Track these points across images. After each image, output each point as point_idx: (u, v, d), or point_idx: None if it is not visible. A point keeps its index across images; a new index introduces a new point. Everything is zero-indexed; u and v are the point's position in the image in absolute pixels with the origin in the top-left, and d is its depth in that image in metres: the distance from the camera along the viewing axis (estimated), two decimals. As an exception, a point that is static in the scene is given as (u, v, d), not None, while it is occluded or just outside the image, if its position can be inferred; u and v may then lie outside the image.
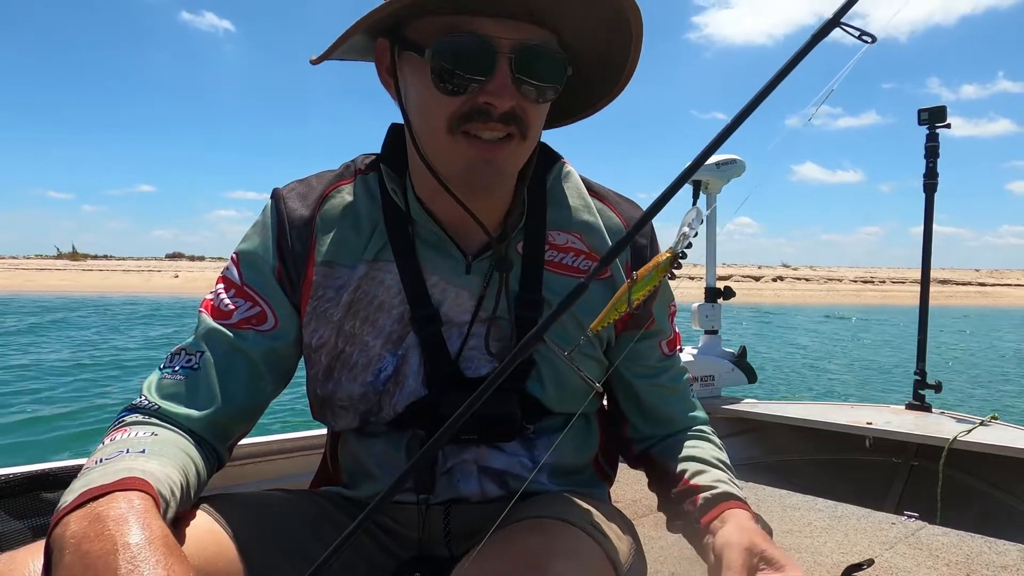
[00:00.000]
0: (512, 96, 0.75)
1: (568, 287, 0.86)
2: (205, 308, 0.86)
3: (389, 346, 0.85)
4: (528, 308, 0.86)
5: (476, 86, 0.75)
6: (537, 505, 0.83)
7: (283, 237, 0.87)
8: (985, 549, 1.54)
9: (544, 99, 0.79)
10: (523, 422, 0.87)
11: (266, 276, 0.86)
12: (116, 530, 0.56)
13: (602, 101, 0.90)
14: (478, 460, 0.87)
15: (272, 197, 0.90)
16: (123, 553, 0.55)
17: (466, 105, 0.76)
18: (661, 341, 0.96)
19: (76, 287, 32.76)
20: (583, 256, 0.89)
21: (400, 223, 0.86)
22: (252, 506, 0.83)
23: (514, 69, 0.75)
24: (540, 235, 0.88)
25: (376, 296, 0.85)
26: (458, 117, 0.76)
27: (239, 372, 0.83)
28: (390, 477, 0.88)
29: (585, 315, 0.86)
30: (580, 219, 0.91)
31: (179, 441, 0.77)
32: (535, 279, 0.86)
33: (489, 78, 0.75)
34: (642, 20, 0.79)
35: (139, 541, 0.56)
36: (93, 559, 0.55)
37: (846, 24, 0.53)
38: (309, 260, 0.86)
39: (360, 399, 0.86)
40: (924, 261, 2.86)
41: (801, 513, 1.81)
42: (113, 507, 0.59)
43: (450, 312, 0.85)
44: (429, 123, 0.79)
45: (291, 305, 0.87)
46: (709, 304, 2.94)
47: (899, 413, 2.67)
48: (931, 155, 2.81)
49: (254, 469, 1.42)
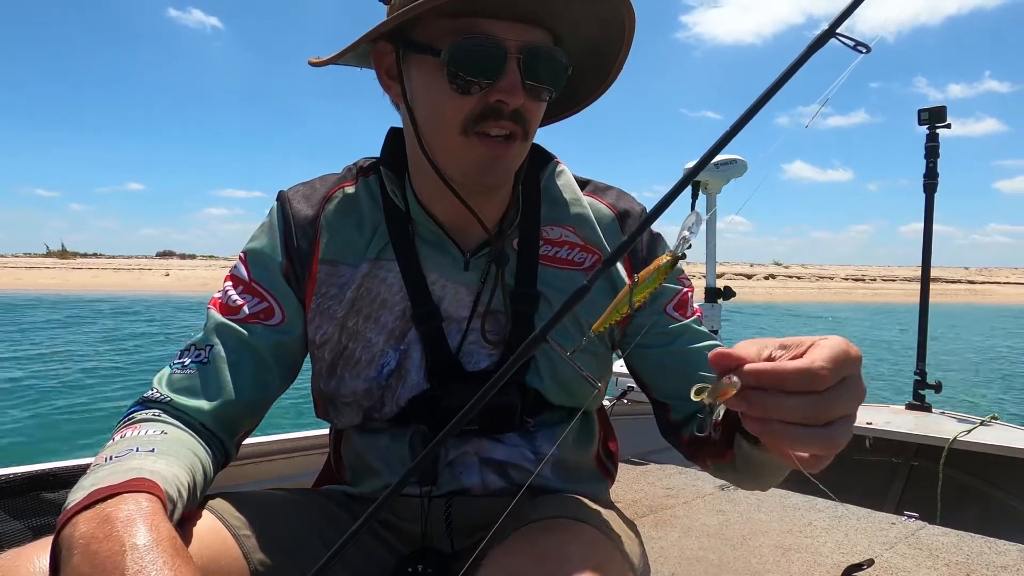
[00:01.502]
0: (521, 94, 0.78)
1: (563, 279, 0.90)
2: (214, 305, 0.89)
3: (392, 342, 0.88)
4: (524, 302, 0.88)
5: (488, 86, 0.78)
6: (548, 505, 0.83)
7: (289, 236, 0.89)
8: (985, 549, 1.54)
9: (544, 97, 0.82)
10: (523, 415, 0.88)
11: (274, 273, 0.89)
12: (124, 532, 0.57)
13: (588, 99, 0.94)
14: (479, 452, 0.89)
15: (278, 199, 0.93)
16: (131, 554, 0.56)
17: (479, 105, 0.79)
18: (666, 305, 0.92)
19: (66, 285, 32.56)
20: (578, 248, 0.91)
21: (400, 223, 0.89)
22: (255, 505, 0.83)
23: (522, 69, 0.78)
24: (535, 231, 0.90)
25: (379, 293, 0.88)
26: (472, 117, 0.79)
27: (247, 365, 0.85)
28: (394, 472, 0.90)
29: (582, 311, 0.88)
30: (573, 213, 0.93)
31: (188, 440, 0.78)
32: (531, 273, 0.89)
33: (500, 78, 0.77)
34: (635, 22, 0.82)
35: (147, 543, 0.57)
36: (102, 559, 0.56)
37: (842, 35, 0.54)
38: (314, 258, 0.89)
39: (364, 395, 0.88)
40: (924, 260, 2.87)
41: (802, 513, 1.81)
42: (122, 508, 0.59)
43: (450, 308, 0.88)
44: (442, 123, 0.81)
45: (298, 301, 0.89)
46: (708, 304, 2.94)
47: (899, 413, 2.67)
48: (931, 155, 2.81)
49: (257, 469, 1.43)
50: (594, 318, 0.86)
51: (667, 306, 0.92)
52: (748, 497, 1.93)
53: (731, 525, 1.72)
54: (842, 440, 0.55)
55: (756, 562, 1.50)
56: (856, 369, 0.55)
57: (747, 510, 1.83)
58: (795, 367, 0.52)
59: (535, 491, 0.91)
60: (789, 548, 1.58)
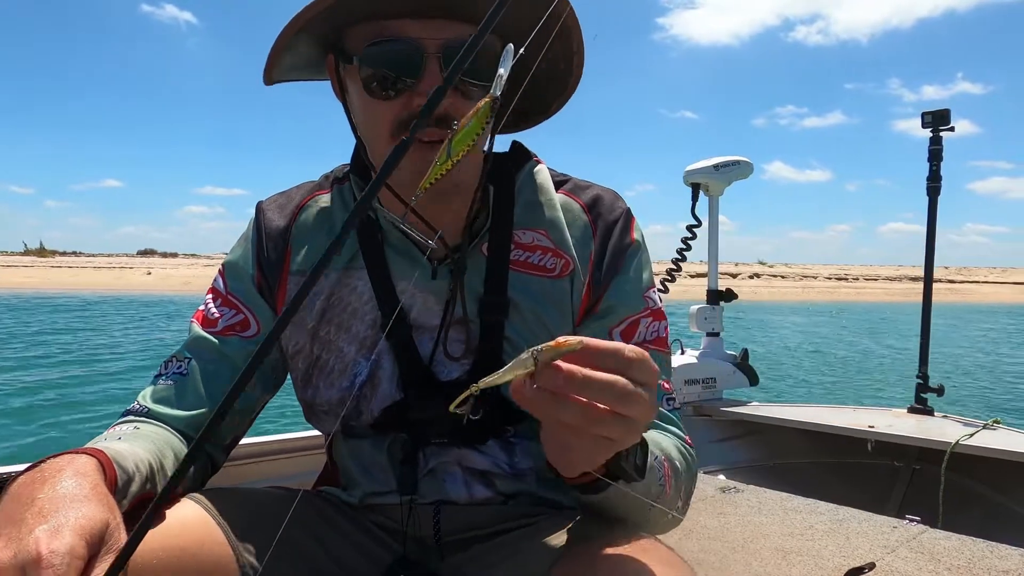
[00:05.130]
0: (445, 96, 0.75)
1: (535, 286, 0.87)
2: (196, 318, 0.91)
3: (363, 351, 0.87)
4: (493, 311, 0.85)
5: (408, 89, 0.76)
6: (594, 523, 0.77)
7: (261, 248, 0.91)
8: (987, 553, 1.54)
9: (479, 96, 0.78)
10: (502, 424, 0.87)
11: (247, 285, 0.91)
12: (50, 477, 0.59)
13: (556, 103, 0.92)
14: (460, 460, 0.88)
15: (256, 210, 0.95)
16: (48, 491, 0.57)
17: (404, 111, 0.77)
18: (612, 327, 0.87)
19: (45, 284, 32.34)
20: (550, 254, 0.88)
21: (369, 231, 0.88)
22: (246, 501, 0.84)
23: (443, 69, 0.75)
24: (506, 236, 0.88)
25: (349, 303, 0.88)
26: (398, 124, 0.77)
27: (225, 376, 0.86)
28: (374, 479, 0.90)
29: (548, 314, 0.86)
30: (546, 216, 0.90)
31: (160, 432, 0.80)
32: (500, 281, 0.86)
33: (418, 79, 0.76)
34: (575, 13, 0.78)
35: (68, 485, 0.58)
36: (22, 498, 0.57)
37: None
38: (284, 269, 0.90)
39: (338, 404, 0.88)
40: (927, 263, 2.86)
41: (803, 516, 1.81)
42: (55, 461, 0.62)
43: (420, 317, 0.86)
44: (372, 131, 0.81)
45: (271, 312, 0.90)
46: (709, 306, 2.93)
47: (901, 416, 2.66)
48: (934, 158, 2.80)
49: (255, 468, 1.43)
50: (561, 324, 0.86)
51: (613, 328, 0.87)
52: (749, 500, 1.92)
53: (731, 528, 1.72)
54: (614, 430, 0.55)
55: (757, 565, 1.50)
56: (653, 381, 0.57)
57: (747, 513, 1.82)
58: (606, 344, 0.55)
59: (520, 500, 0.89)
60: (790, 551, 1.57)
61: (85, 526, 0.54)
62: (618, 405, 0.54)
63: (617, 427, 0.55)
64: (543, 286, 0.87)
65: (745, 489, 1.98)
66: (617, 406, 0.54)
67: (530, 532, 0.84)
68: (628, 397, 0.54)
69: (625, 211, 0.92)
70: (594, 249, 0.89)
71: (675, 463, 0.80)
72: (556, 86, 0.90)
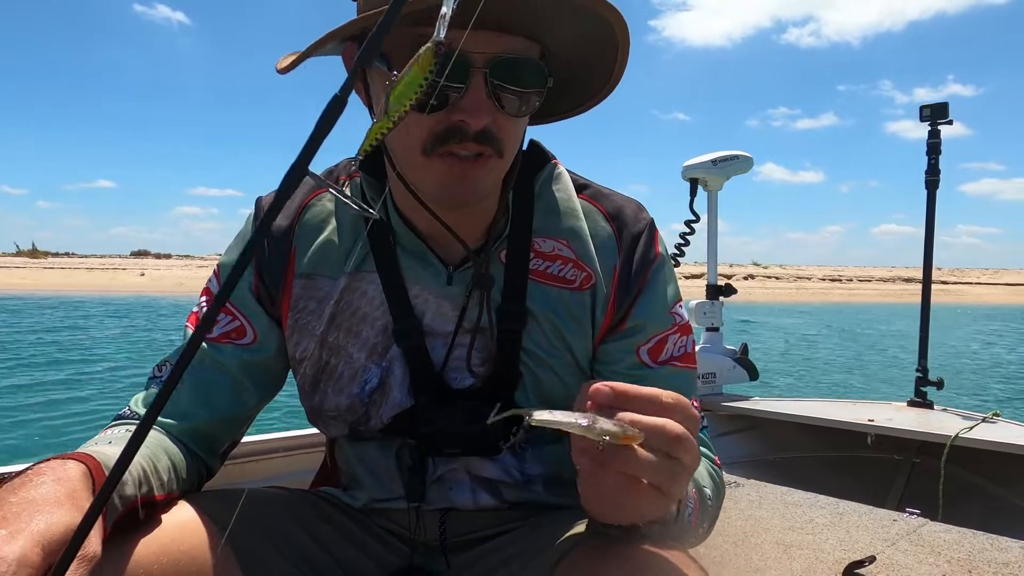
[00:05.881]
0: (488, 112, 0.71)
1: (553, 298, 0.83)
2: (190, 322, 0.87)
3: (374, 357, 0.84)
4: (511, 320, 0.82)
5: (450, 102, 0.70)
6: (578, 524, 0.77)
7: (261, 249, 0.85)
8: (987, 546, 1.54)
9: (522, 112, 0.74)
10: (513, 434, 0.83)
11: (243, 290, 0.86)
12: (28, 481, 0.58)
13: (588, 103, 0.86)
14: (469, 468, 0.86)
15: (255, 207, 0.90)
16: (21, 496, 0.56)
17: (441, 124, 0.71)
18: (639, 346, 0.85)
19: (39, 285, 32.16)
20: (571, 264, 0.85)
21: (381, 233, 0.84)
22: (244, 501, 0.82)
23: (489, 83, 0.70)
24: (525, 243, 0.84)
25: (359, 308, 0.84)
26: (434, 138, 0.71)
27: (218, 383, 0.84)
28: (382, 485, 0.88)
29: (567, 326, 0.84)
30: (567, 225, 0.86)
31: (153, 435, 0.77)
32: (519, 290, 0.83)
33: (462, 93, 0.70)
34: (627, 28, 0.74)
35: (42, 491, 0.57)
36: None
37: None
38: (288, 272, 0.86)
39: (347, 410, 0.86)
40: (926, 258, 2.87)
41: (803, 510, 1.80)
42: (41, 466, 0.61)
43: (433, 323, 0.83)
44: (403, 141, 0.74)
45: (269, 318, 0.86)
46: (708, 301, 2.94)
47: (901, 410, 2.67)
48: (933, 152, 2.81)
49: (255, 467, 1.42)
50: (580, 336, 0.84)
51: (641, 346, 0.85)
52: (749, 494, 1.92)
53: (732, 522, 1.72)
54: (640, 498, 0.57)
55: (757, 559, 1.50)
56: (696, 428, 0.59)
57: (748, 507, 1.82)
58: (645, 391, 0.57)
59: (528, 509, 0.88)
60: (790, 545, 1.57)
61: (44, 532, 0.52)
62: (670, 448, 0.55)
63: (667, 473, 0.56)
64: (562, 297, 0.84)
65: (746, 483, 1.98)
66: (669, 448, 0.56)
67: (534, 530, 0.84)
68: (679, 441, 0.56)
69: (650, 223, 0.89)
70: (619, 263, 0.86)
71: (704, 492, 0.79)
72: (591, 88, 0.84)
